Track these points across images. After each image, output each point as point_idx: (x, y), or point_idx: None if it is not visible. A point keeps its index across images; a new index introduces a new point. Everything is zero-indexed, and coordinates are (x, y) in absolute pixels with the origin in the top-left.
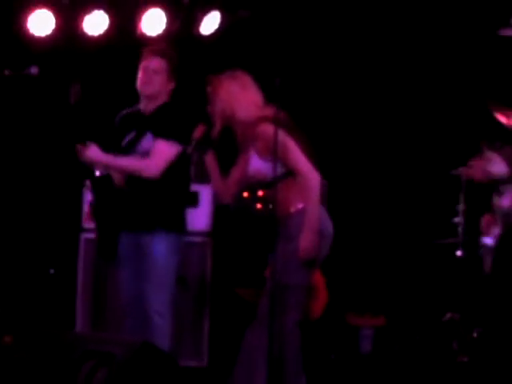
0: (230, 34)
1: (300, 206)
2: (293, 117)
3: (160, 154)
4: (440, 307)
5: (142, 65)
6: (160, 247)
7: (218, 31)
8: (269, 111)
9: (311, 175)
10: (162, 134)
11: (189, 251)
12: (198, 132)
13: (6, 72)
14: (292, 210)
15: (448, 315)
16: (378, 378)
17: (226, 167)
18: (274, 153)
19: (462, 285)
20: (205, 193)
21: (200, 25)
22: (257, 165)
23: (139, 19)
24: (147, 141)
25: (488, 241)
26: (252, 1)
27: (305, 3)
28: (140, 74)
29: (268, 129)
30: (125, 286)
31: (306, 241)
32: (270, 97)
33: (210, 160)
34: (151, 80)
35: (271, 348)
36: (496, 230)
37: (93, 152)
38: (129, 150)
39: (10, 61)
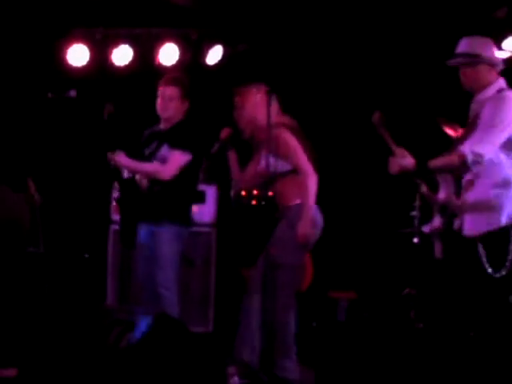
0: (231, 63)
1: (299, 200)
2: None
3: (174, 161)
4: (400, 284)
5: (160, 91)
6: (165, 235)
7: (221, 61)
8: (283, 119)
9: (310, 174)
10: (177, 144)
11: (197, 239)
12: (224, 133)
13: (50, 95)
14: (292, 203)
15: (407, 290)
16: (351, 340)
17: (243, 163)
18: (272, 152)
19: (418, 266)
20: (210, 192)
21: (206, 56)
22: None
23: (157, 52)
24: (164, 150)
25: (425, 229)
26: (249, 37)
27: (293, 38)
28: (158, 101)
29: (281, 133)
30: (140, 268)
31: (303, 228)
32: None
33: (232, 156)
34: (167, 106)
35: (265, 320)
36: (436, 220)
37: (121, 158)
38: (150, 157)
39: (52, 86)
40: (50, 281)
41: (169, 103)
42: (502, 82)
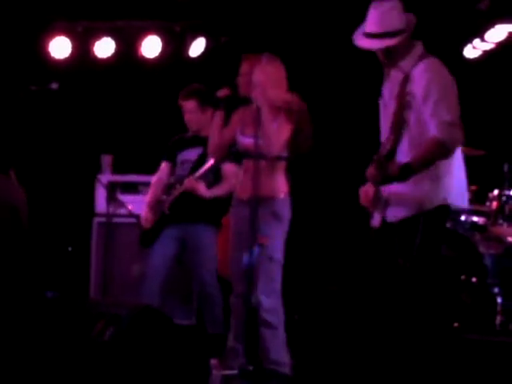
0: (213, 55)
1: (284, 194)
2: None
3: (230, 176)
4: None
5: (181, 104)
6: (210, 237)
7: (203, 53)
8: (291, 97)
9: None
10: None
11: None
12: (223, 92)
13: (32, 87)
14: (279, 196)
15: None
16: (331, 331)
17: None
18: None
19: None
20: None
21: (189, 48)
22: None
23: (139, 44)
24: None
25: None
26: (231, 29)
27: (275, 30)
28: (184, 115)
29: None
30: (168, 264)
31: None
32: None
33: (219, 117)
34: (191, 120)
35: (247, 316)
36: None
37: (201, 187)
38: (199, 165)
39: (35, 78)
40: (33, 273)
41: (191, 116)
42: (419, 46)
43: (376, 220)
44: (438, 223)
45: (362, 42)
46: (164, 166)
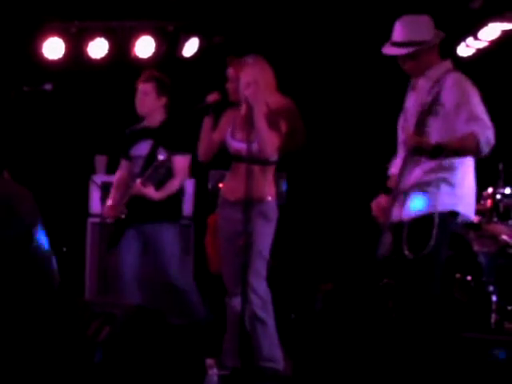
0: (207, 55)
1: (271, 197)
2: None
3: (181, 169)
4: (379, 275)
5: (138, 86)
6: (171, 233)
7: (197, 53)
8: (286, 101)
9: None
10: (176, 149)
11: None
12: (212, 97)
13: (25, 88)
14: (267, 198)
15: (385, 280)
16: (328, 330)
17: None
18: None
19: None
20: (188, 186)
21: (182, 48)
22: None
23: (133, 44)
24: (161, 154)
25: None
26: (224, 29)
27: (269, 30)
28: (137, 96)
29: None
30: (135, 262)
31: None
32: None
33: (208, 122)
34: (142, 101)
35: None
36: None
37: (149, 190)
38: (150, 160)
39: (28, 79)
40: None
41: (143, 98)
42: (448, 62)
43: (396, 214)
44: (446, 226)
45: (385, 49)
46: (123, 163)
